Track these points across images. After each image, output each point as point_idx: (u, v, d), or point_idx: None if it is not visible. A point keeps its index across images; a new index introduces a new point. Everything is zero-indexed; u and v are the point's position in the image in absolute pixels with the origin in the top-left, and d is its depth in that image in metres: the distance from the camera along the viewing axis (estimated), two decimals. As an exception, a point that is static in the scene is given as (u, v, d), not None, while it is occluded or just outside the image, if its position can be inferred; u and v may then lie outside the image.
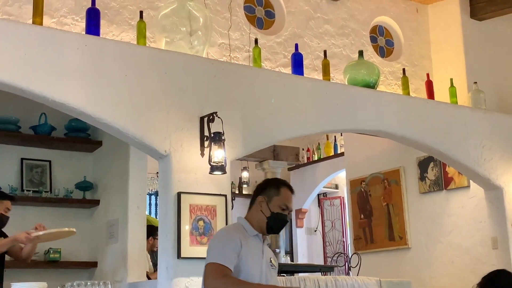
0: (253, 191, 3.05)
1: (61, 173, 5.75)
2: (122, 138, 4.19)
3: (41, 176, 5.64)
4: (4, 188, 5.36)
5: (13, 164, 5.56)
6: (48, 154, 5.72)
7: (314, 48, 5.70)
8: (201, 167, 4.21)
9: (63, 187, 5.65)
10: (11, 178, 5.51)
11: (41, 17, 4.03)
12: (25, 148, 5.60)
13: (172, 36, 4.52)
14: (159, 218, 4.37)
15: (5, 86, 3.72)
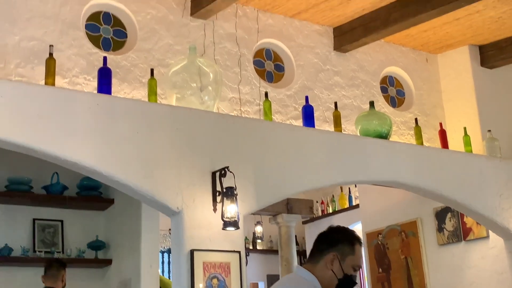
0: (320, 239, 2.63)
1: (73, 232, 5.75)
2: (133, 195, 4.19)
3: (53, 236, 5.65)
4: (16, 250, 5.36)
5: (25, 225, 5.58)
6: (60, 213, 5.74)
7: (325, 100, 5.75)
8: (214, 223, 4.19)
9: (75, 247, 5.64)
10: (23, 239, 5.51)
11: (53, 78, 4.12)
12: (37, 208, 5.63)
13: (182, 92, 4.58)
14: (172, 277, 4.32)
15: (17, 147, 3.77)
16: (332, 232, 2.63)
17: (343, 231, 2.63)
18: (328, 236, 2.61)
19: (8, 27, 4.33)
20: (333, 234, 2.61)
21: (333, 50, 5.96)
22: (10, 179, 5.41)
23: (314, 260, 2.57)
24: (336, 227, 2.66)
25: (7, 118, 3.69)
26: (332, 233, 2.62)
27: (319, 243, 2.60)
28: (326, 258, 2.53)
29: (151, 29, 4.96)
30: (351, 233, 2.64)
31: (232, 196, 4.14)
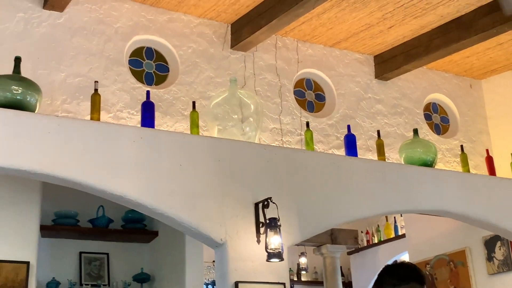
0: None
1: (119, 265, 5.81)
2: (177, 227, 4.21)
3: (99, 269, 5.71)
4: (64, 283, 5.44)
5: (72, 258, 5.67)
6: (105, 246, 5.81)
7: (367, 129, 5.71)
8: (258, 255, 4.17)
9: (120, 280, 5.69)
10: (70, 272, 5.60)
11: (99, 113, 4.22)
12: (83, 242, 5.72)
13: (224, 123, 4.62)
14: (217, 309, 4.30)
15: (64, 181, 3.85)
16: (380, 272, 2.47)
17: (383, 273, 2.45)
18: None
19: (54, 64, 4.47)
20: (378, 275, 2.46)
21: (374, 78, 5.94)
22: (56, 213, 5.52)
23: None
24: (388, 266, 2.48)
25: (54, 153, 3.78)
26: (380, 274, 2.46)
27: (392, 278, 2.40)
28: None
29: (192, 63, 5.05)
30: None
31: (275, 227, 4.12)
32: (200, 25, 5.17)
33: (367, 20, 5.30)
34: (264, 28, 4.88)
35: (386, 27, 5.43)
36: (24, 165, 3.69)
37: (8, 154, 3.65)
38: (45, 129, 3.80)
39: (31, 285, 4.88)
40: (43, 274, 5.34)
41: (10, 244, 4.90)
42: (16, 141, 3.69)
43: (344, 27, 5.43)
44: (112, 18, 4.81)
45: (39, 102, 3.98)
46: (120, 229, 5.78)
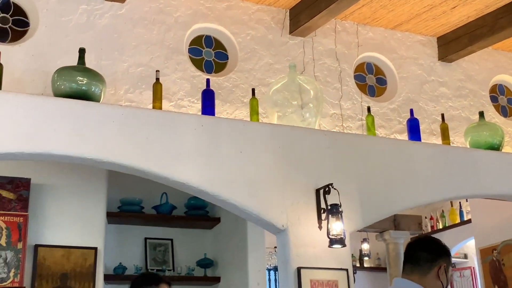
0: (425, 249, 2.55)
1: (182, 250, 5.91)
2: (239, 214, 4.25)
3: (164, 255, 5.83)
4: (130, 268, 5.58)
5: (138, 244, 5.80)
6: (169, 232, 5.92)
7: (431, 112, 5.58)
8: (320, 241, 4.16)
9: (185, 265, 5.79)
10: (136, 257, 5.73)
11: (160, 102, 4.29)
12: (148, 228, 5.84)
13: (284, 110, 4.61)
14: (279, 294, 4.33)
15: (128, 169, 3.94)
16: (435, 243, 2.58)
17: (442, 243, 2.59)
18: (435, 247, 2.56)
19: (117, 55, 4.57)
20: (438, 245, 2.56)
21: (437, 60, 5.79)
22: (122, 200, 5.67)
23: (422, 271, 2.49)
24: (431, 238, 2.63)
25: (118, 141, 3.87)
26: (436, 243, 2.58)
27: (426, 253, 2.53)
28: (436, 269, 2.48)
29: (251, 50, 5.05)
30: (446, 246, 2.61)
31: (337, 214, 4.10)
32: (259, 11, 5.16)
33: (429, 1, 5.17)
34: (323, 12, 4.83)
35: (449, 7, 5.28)
36: (90, 154, 3.79)
37: (75, 144, 3.77)
38: (109, 118, 3.90)
39: (99, 270, 5.04)
40: (110, 259, 5.49)
41: (79, 231, 5.07)
42: (82, 130, 3.80)
43: (405, 9, 5.32)
44: (172, 7, 4.87)
45: (103, 92, 4.07)
46: (183, 215, 5.88)
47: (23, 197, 4.89)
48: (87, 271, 4.96)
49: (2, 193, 4.86)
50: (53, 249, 4.93)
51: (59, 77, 3.96)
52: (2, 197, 4.84)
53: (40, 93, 4.14)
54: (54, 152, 3.73)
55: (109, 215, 5.43)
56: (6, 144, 3.64)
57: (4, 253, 4.70)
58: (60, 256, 4.93)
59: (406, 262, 2.57)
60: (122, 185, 5.64)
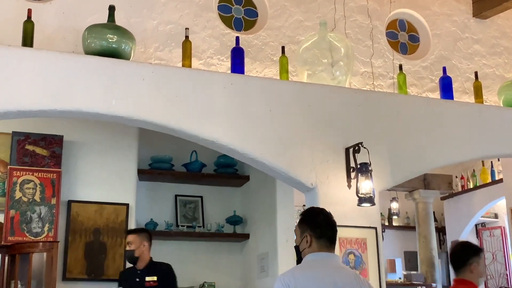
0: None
1: (212, 208, 5.98)
2: (268, 172, 4.27)
3: (194, 212, 5.91)
4: (161, 224, 5.68)
5: (168, 201, 5.88)
6: (199, 190, 5.98)
7: (464, 70, 5.48)
8: (349, 199, 4.17)
9: (214, 222, 5.87)
10: (167, 214, 5.82)
11: (190, 60, 4.28)
12: (178, 185, 5.91)
13: (314, 68, 4.57)
14: (308, 251, 4.37)
15: (158, 127, 3.97)
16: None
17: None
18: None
19: (146, 12, 4.55)
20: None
21: (472, 17, 5.64)
22: (153, 157, 5.73)
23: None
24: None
25: (148, 99, 3.89)
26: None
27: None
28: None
29: (281, 7, 4.98)
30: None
31: (366, 172, 4.09)
32: (289, -33, 5.07)
33: (465, -46, 5.02)
34: (354, -33, 4.73)
35: (486, -39, 5.12)
36: (120, 112, 3.82)
37: (106, 101, 3.80)
38: (139, 76, 3.91)
39: (131, 225, 5.14)
40: (141, 216, 5.59)
41: (111, 187, 5.15)
42: (113, 88, 3.83)
43: (439, -37, 5.17)
44: (201, -37, 4.81)
45: (133, 50, 4.08)
46: (213, 173, 5.92)
47: (56, 153, 4.98)
48: (119, 227, 5.06)
49: (35, 150, 4.95)
50: (85, 205, 5.03)
51: (90, 35, 3.97)
52: (35, 154, 4.94)
53: (71, 51, 4.16)
54: (85, 110, 3.77)
55: (140, 172, 5.50)
56: (38, 101, 3.68)
57: (38, 209, 4.81)
58: (92, 211, 5.03)
59: None
60: (152, 143, 5.69)
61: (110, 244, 5.01)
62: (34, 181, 4.87)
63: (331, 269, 2.72)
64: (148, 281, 4.33)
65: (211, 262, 5.82)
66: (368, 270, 4.09)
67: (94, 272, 4.93)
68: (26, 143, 4.95)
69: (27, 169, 4.86)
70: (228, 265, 5.87)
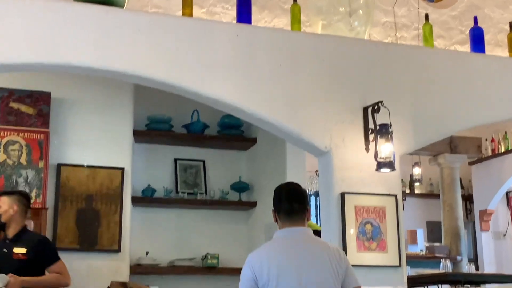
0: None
1: (215, 173, 6.01)
2: (278, 134, 4.28)
3: (195, 177, 5.95)
4: (159, 190, 5.73)
5: (167, 165, 5.92)
6: (201, 153, 6.01)
7: (497, 20, 5.42)
8: (367, 164, 4.18)
9: (218, 188, 5.91)
10: (166, 180, 5.86)
11: (191, 8, 4.23)
12: (178, 148, 5.94)
13: (329, 18, 4.53)
14: (321, 222, 4.41)
15: (156, 83, 3.96)
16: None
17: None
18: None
19: (142, -45, 4.50)
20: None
21: (507, -41, 5.56)
22: (150, 117, 5.74)
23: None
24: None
25: (144, 52, 3.87)
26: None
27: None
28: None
29: None
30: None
31: (386, 134, 4.08)
32: None
33: None
34: None
35: None
36: (114, 66, 3.81)
37: (97, 54, 3.78)
38: (134, 26, 3.88)
39: (126, 191, 5.19)
40: (138, 181, 5.63)
41: (104, 150, 5.18)
42: (105, 40, 3.81)
43: None
44: None
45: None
46: (216, 135, 5.94)
47: (44, 112, 5.00)
48: (113, 193, 5.11)
49: (21, 108, 4.97)
50: (76, 169, 5.08)
51: (79, -20, 3.93)
52: (21, 112, 4.96)
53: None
54: (75, 63, 3.76)
55: (136, 134, 5.52)
56: (23, 54, 3.67)
57: (25, 172, 4.86)
58: (84, 176, 5.07)
59: None
60: (149, 101, 5.70)
61: (104, 212, 5.07)
62: (19, 142, 4.90)
63: (294, 246, 2.89)
64: (16, 253, 4.02)
65: (214, 232, 5.89)
66: (387, 242, 4.12)
67: (87, 242, 5.00)
68: (10, 100, 4.97)
69: (11, 129, 4.89)
70: (233, 236, 5.93)
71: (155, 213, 5.79)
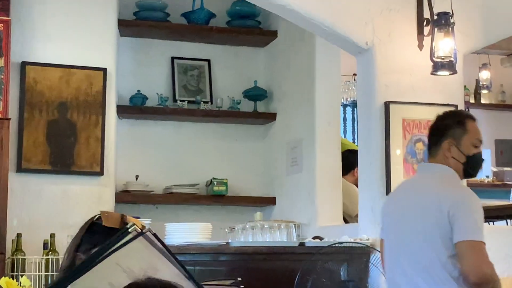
0: (430, 132, 3.36)
1: (224, 76, 6.00)
2: (304, 26, 4.27)
3: (198, 81, 5.94)
4: (152, 98, 5.73)
5: (162, 66, 5.90)
6: (206, 50, 5.98)
7: None
8: (419, 65, 4.18)
9: (227, 96, 5.91)
10: (160, 84, 5.86)
11: None
12: (176, 43, 5.90)
13: None
14: (358, 139, 4.41)
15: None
16: (438, 121, 3.33)
17: (449, 115, 3.37)
18: (436, 126, 3.32)
19: None
20: (440, 122, 3.31)
21: None
22: (140, 3, 5.68)
23: (432, 155, 3.29)
24: (442, 114, 3.35)
25: None
26: (438, 121, 3.33)
27: (431, 137, 3.33)
28: (443, 148, 3.23)
29: None
30: (458, 113, 3.52)
31: (446, 26, 4.04)
32: None
33: None
34: None
35: None
36: None
37: None
38: None
39: (110, 97, 5.19)
40: (125, 86, 5.63)
41: (81, 45, 5.15)
42: None
43: None
44: None
45: None
46: (225, 27, 5.88)
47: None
48: (93, 100, 5.11)
49: (-28, -10, 4.93)
50: (46, 69, 5.07)
51: None
52: (-28, -4, 4.92)
53: None
54: None
55: (122, 24, 5.48)
56: None
57: (-20, 73, 4.87)
58: (56, 78, 5.07)
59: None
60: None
61: (82, 124, 5.08)
62: (-28, 34, 4.89)
63: (411, 185, 3.40)
64: None
65: (222, 152, 5.93)
66: (443, 165, 4.14)
67: (60, 162, 5.05)
68: (-42, -21, 4.93)
69: (-40, 16, 4.88)
70: (246, 156, 5.97)
71: (147, 126, 5.81)
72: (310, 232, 4.92)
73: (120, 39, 5.58)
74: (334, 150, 5.19)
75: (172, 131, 5.83)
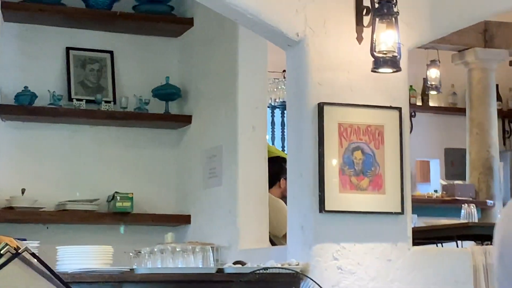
0: None
1: (130, 71, 5.98)
2: (225, 13, 4.29)
3: (98, 77, 5.91)
4: (43, 96, 5.67)
5: (55, 58, 5.84)
6: (108, 40, 5.95)
7: None
8: (358, 61, 4.23)
9: (133, 95, 5.89)
10: (53, 80, 5.80)
11: None
12: (72, 31, 5.86)
13: None
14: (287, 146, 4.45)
15: None
16: None
17: None
18: None
19: None
20: None
21: None
22: (28, -17, 5.64)
23: None
24: None
25: None
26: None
27: None
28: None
29: None
30: None
31: (389, 16, 4.10)
32: None
33: None
34: None
35: None
36: None
37: None
38: None
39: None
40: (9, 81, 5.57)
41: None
42: None
43: None
44: None
45: None
46: (131, 12, 5.86)
47: None
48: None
49: None
50: None
51: None
52: None
53: None
54: None
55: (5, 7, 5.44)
56: None
57: None
58: None
59: None
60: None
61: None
62: None
63: None
64: None
65: (127, 161, 5.91)
66: (384, 178, 4.20)
67: None
68: None
69: None
70: (156, 167, 5.97)
71: (36, 130, 5.75)
72: (230, 256, 4.92)
73: (4, 24, 5.52)
74: (259, 159, 5.20)
75: (67, 136, 5.78)
